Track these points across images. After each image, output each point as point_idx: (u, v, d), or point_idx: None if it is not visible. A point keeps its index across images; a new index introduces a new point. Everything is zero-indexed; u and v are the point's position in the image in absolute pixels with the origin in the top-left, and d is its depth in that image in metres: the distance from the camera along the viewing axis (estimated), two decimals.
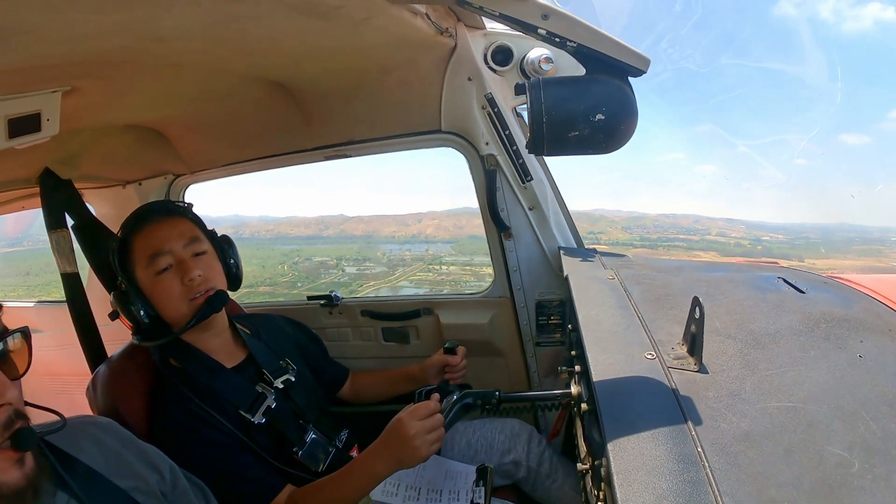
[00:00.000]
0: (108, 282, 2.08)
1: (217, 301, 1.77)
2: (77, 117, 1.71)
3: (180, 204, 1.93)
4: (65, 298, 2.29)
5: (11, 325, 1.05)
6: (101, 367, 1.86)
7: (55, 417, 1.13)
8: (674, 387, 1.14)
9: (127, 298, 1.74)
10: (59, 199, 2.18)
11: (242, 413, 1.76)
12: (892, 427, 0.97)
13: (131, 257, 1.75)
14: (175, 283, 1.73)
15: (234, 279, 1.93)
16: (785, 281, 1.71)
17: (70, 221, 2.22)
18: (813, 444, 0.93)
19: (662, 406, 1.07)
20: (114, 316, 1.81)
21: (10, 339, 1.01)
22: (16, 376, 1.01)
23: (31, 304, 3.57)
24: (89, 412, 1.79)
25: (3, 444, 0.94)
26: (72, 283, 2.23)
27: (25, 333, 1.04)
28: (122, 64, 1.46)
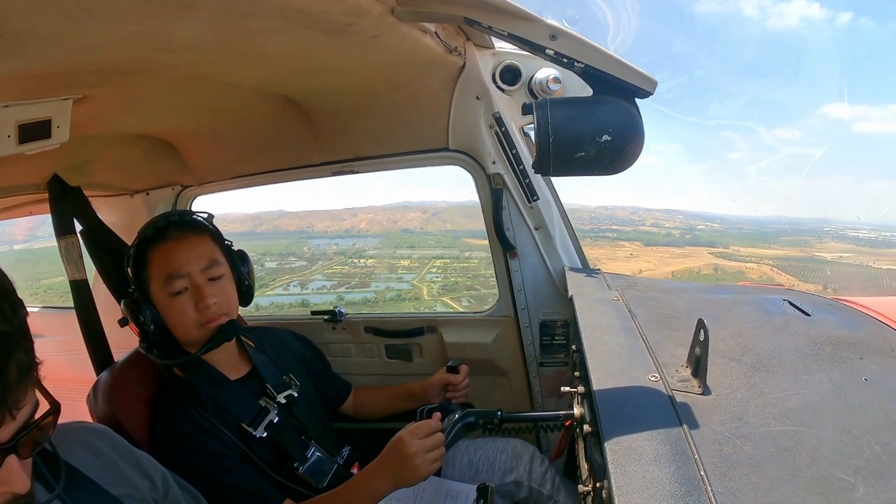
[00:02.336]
0: (117, 289, 2.08)
1: (229, 331, 1.76)
2: (87, 125, 1.72)
3: (201, 217, 1.90)
4: (70, 304, 2.28)
5: None
6: (103, 375, 1.86)
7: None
8: (677, 409, 1.13)
9: (138, 308, 1.74)
10: (67, 205, 2.19)
11: (244, 426, 1.76)
12: None
13: (147, 271, 1.74)
14: (189, 307, 1.72)
15: (246, 297, 1.93)
16: (790, 303, 1.71)
17: (78, 227, 2.23)
18: (817, 468, 0.92)
19: (665, 429, 1.06)
20: (123, 322, 1.80)
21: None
22: (30, 454, 0.93)
23: (36, 309, 3.57)
24: (89, 419, 1.79)
25: None
26: (80, 289, 2.22)
27: (56, 412, 0.97)
28: (135, 74, 1.48)
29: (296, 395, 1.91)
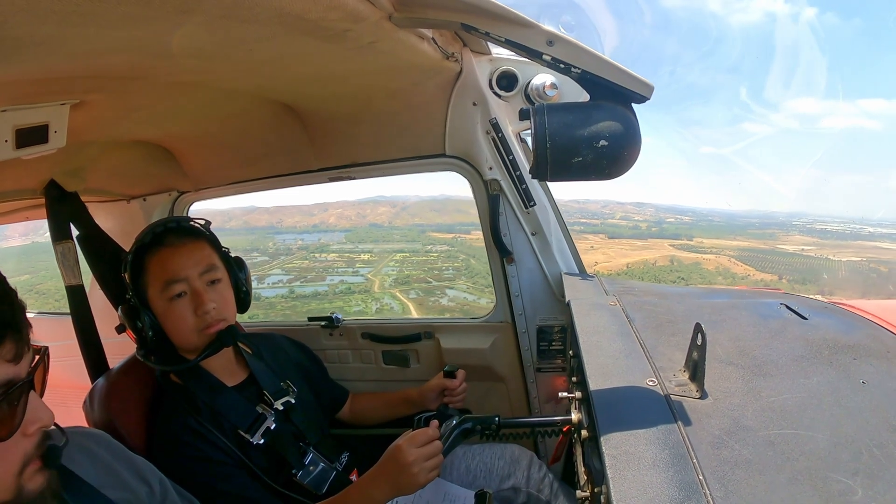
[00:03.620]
0: (115, 295, 2.08)
1: (227, 336, 1.76)
2: (84, 131, 1.71)
3: (198, 224, 1.90)
4: (64, 310, 2.27)
5: None
6: (100, 380, 1.85)
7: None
8: (675, 414, 1.13)
9: (135, 314, 1.74)
10: (64, 210, 2.18)
11: (241, 433, 1.75)
12: None
13: (145, 277, 1.74)
14: (188, 313, 1.72)
15: (244, 304, 1.93)
16: (787, 307, 1.71)
17: (75, 233, 2.22)
18: (816, 471, 0.92)
19: (663, 433, 1.06)
20: (121, 329, 1.80)
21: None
22: (41, 389, 1.04)
23: (32, 315, 3.56)
24: (85, 425, 1.78)
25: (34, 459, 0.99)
26: (76, 295, 2.21)
27: (47, 350, 1.06)
28: (132, 80, 1.47)
29: (293, 401, 1.90)
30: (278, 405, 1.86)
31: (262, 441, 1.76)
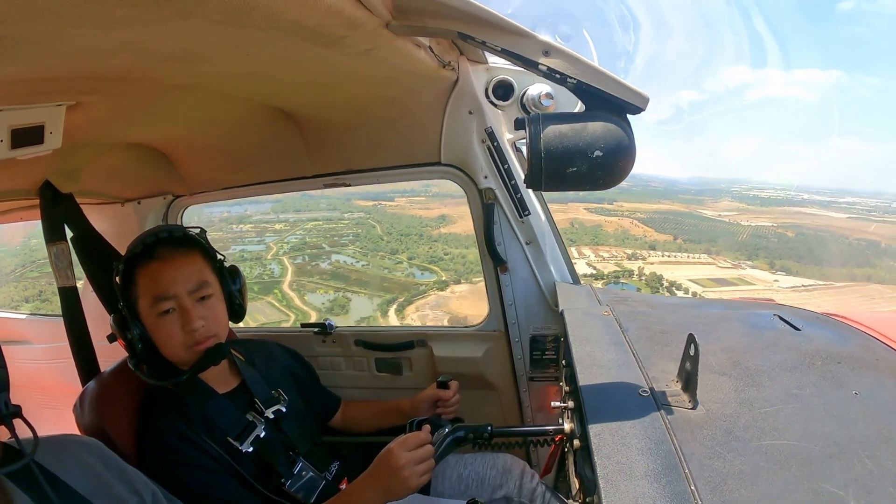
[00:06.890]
0: (107, 298, 2.06)
1: (216, 354, 1.74)
2: (80, 132, 1.71)
3: (192, 232, 1.88)
4: (59, 312, 2.26)
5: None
6: (91, 384, 1.84)
7: (44, 429, 1.11)
8: (668, 424, 1.13)
9: (126, 325, 1.72)
10: (58, 211, 2.17)
11: (230, 440, 1.73)
12: (889, 464, 0.96)
13: (135, 289, 1.72)
14: (176, 329, 1.69)
15: (237, 315, 1.92)
16: (780, 318, 1.71)
17: (69, 234, 2.20)
18: (808, 482, 0.92)
19: (656, 443, 1.06)
20: (112, 338, 1.79)
21: None
22: None
23: (24, 317, 3.54)
24: (75, 428, 1.77)
25: None
26: (69, 296, 2.19)
27: None
28: (129, 82, 1.47)
29: (284, 409, 1.89)
30: (269, 413, 1.85)
31: (251, 449, 1.75)
